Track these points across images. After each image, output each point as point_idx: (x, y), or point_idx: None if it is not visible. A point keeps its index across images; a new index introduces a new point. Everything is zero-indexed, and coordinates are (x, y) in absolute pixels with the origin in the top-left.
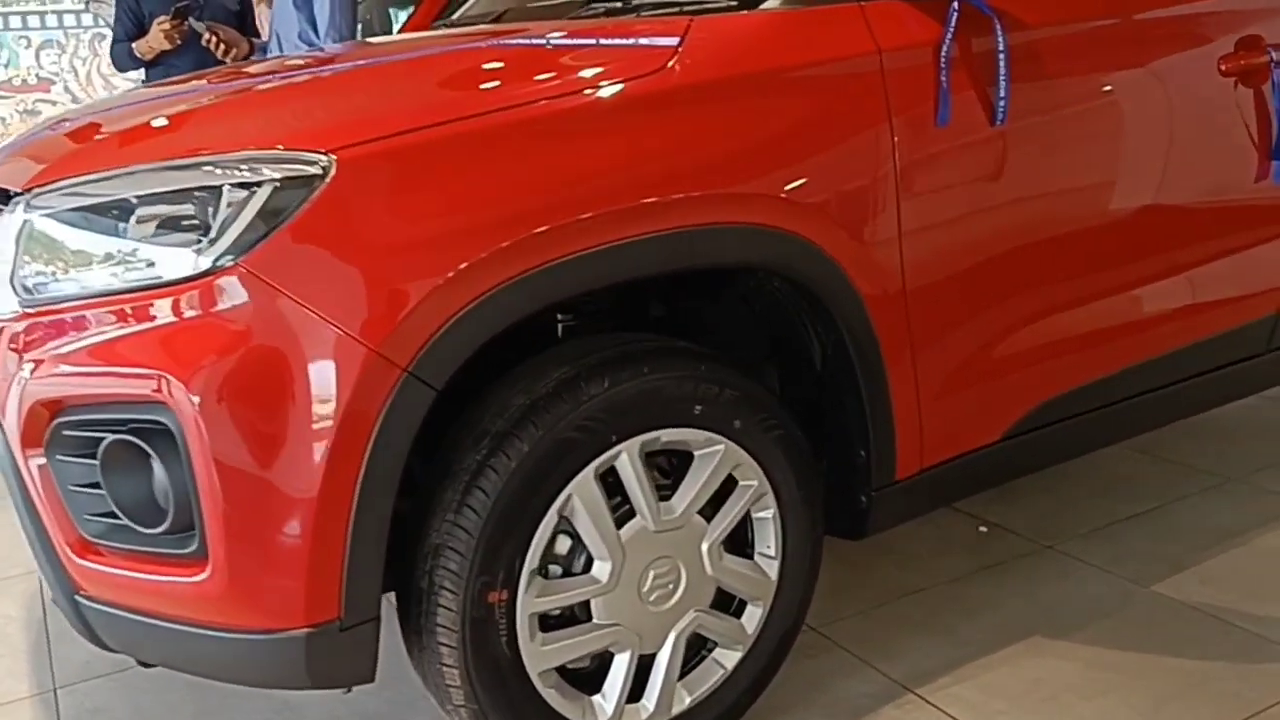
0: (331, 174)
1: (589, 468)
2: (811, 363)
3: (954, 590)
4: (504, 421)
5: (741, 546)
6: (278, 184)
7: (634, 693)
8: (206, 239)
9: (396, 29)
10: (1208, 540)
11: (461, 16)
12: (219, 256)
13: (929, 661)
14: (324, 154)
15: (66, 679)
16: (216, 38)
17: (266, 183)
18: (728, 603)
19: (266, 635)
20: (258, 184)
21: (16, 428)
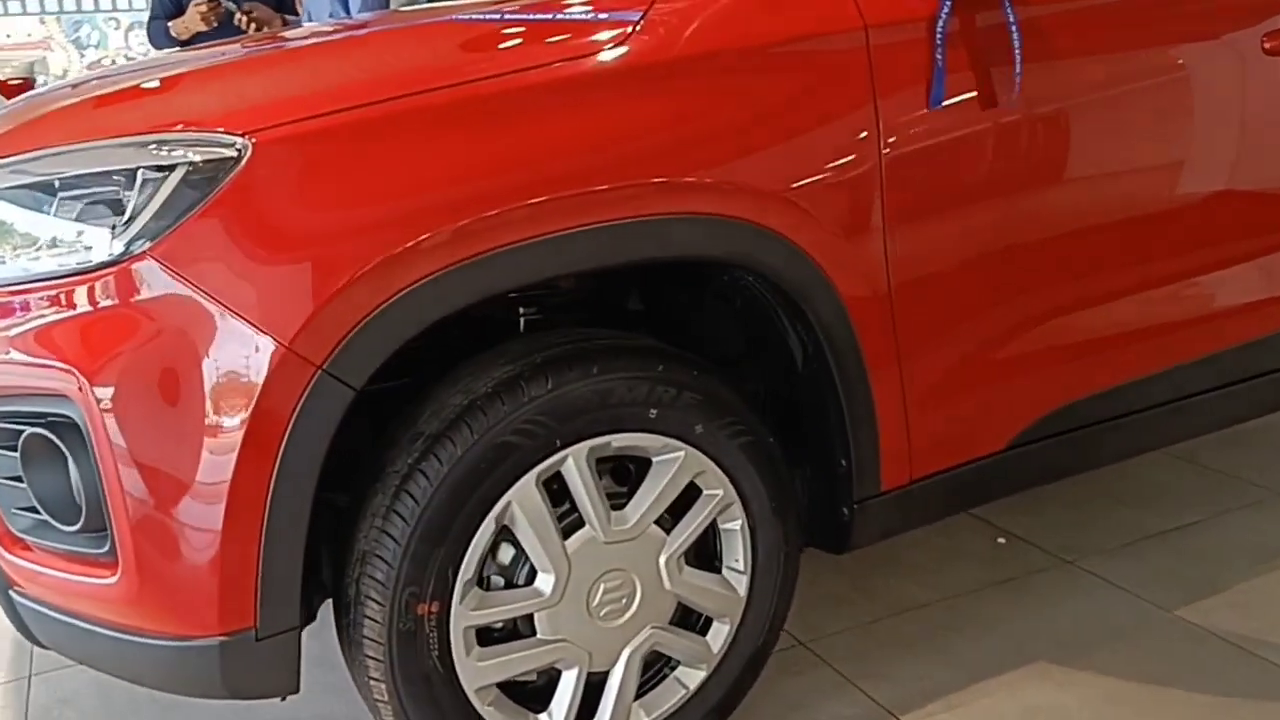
0: (247, 157)
1: (530, 474)
2: (794, 364)
3: (958, 607)
4: (438, 423)
5: (710, 560)
6: (190, 167)
7: (587, 711)
8: (120, 224)
9: None
10: (1245, 561)
11: None
12: (129, 244)
13: (920, 684)
14: (240, 136)
15: (42, 668)
16: (248, 17)
17: (180, 165)
18: (692, 619)
19: (180, 642)
20: (171, 167)
21: None
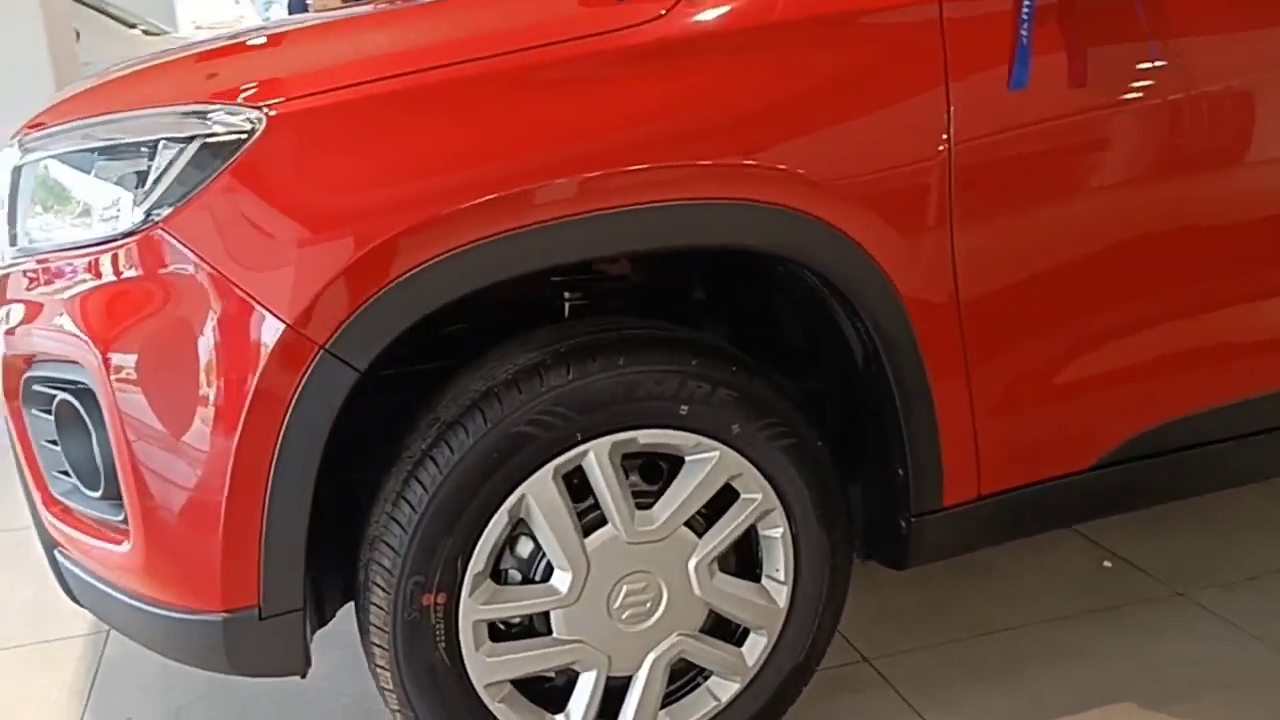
0: (260, 131)
1: (547, 467)
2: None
3: (1047, 634)
4: (455, 408)
5: (752, 568)
6: (206, 140)
7: (609, 716)
8: (140, 196)
9: None
10: None
11: None
12: (146, 215)
13: (986, 718)
14: (256, 109)
15: None
16: None
17: (197, 138)
18: (731, 628)
19: (187, 615)
20: (189, 139)
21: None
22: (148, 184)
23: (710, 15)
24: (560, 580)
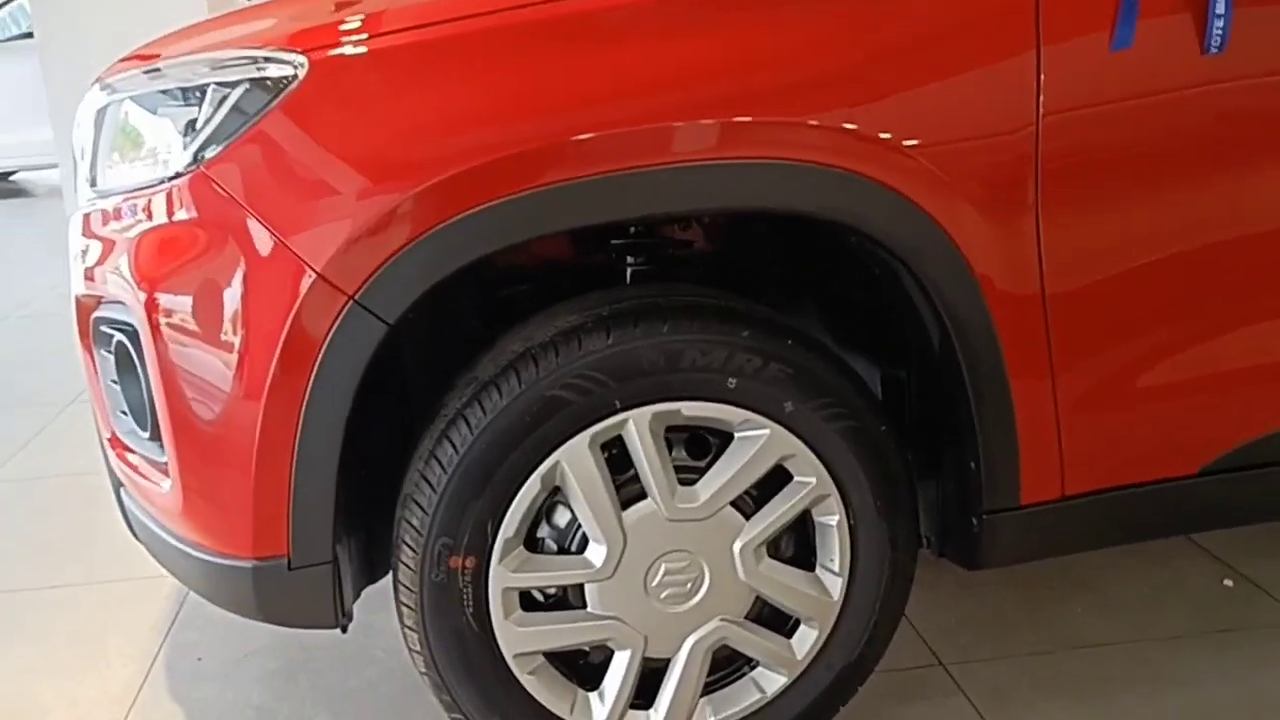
0: (302, 76)
1: (584, 434)
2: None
3: (1145, 654)
4: (493, 368)
5: (806, 556)
6: (250, 84)
7: (647, 698)
8: (190, 140)
9: None
10: None
11: None
12: (191, 159)
13: None
14: (299, 54)
15: None
16: None
17: (242, 82)
18: (783, 618)
19: (219, 559)
20: (236, 83)
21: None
22: (197, 128)
23: None
24: (595, 553)
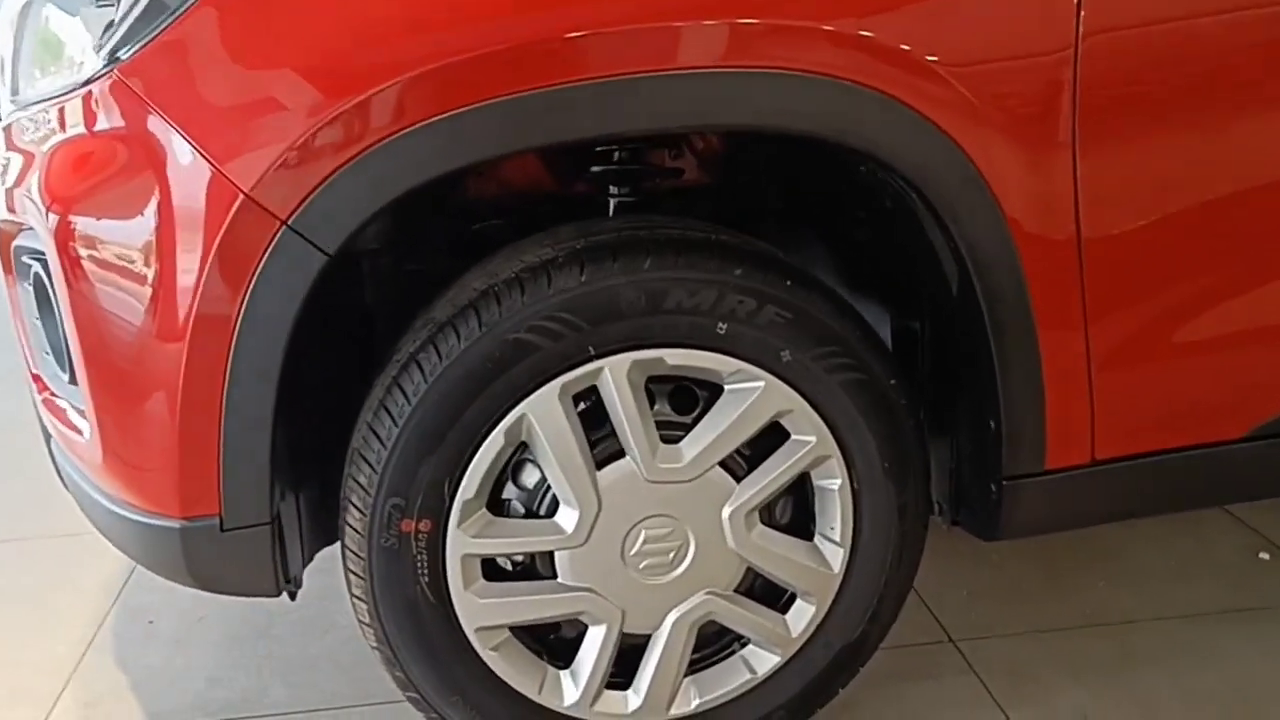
0: None
1: (553, 384)
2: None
3: (1171, 631)
4: (450, 309)
5: (805, 523)
6: None
7: (626, 677)
8: (102, 40)
9: None
10: None
11: None
12: (105, 62)
13: None
14: None
15: None
16: None
17: None
18: (777, 592)
19: (145, 518)
20: None
21: None
22: (114, 27)
23: None
24: (565, 518)
